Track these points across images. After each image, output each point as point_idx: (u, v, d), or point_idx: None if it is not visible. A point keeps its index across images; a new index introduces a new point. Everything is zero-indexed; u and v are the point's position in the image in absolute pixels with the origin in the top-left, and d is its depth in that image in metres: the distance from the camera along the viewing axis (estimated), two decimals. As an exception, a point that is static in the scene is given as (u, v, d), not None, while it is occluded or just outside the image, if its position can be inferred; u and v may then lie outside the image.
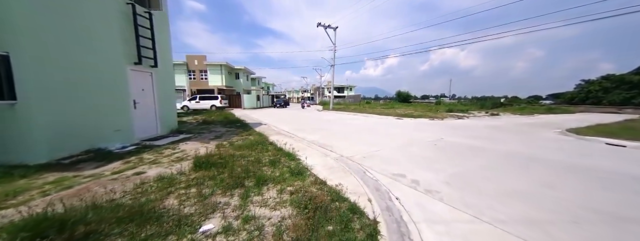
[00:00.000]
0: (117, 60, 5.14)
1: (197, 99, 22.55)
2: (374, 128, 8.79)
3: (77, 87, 4.36)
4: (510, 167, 4.09)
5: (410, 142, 6.07)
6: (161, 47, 6.53)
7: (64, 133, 4.10)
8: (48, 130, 3.87)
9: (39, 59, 3.79)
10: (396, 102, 39.88)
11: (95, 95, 4.67)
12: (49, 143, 3.86)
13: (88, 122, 4.54)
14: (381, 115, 15.31)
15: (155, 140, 5.84)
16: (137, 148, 5.00)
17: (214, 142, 5.84)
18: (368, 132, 7.87)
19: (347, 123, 10.61)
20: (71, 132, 4.22)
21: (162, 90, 6.63)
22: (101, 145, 4.72)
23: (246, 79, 32.72)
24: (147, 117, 6.11)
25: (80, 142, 4.38)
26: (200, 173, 3.33)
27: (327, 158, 4.27)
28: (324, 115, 16.57)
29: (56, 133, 3.98)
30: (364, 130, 8.32)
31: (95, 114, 4.67)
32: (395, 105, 29.88)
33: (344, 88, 63.31)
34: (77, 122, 4.34)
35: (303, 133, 7.75)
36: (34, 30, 3.72)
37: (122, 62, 5.29)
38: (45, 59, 3.88)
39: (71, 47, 4.24)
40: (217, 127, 8.83)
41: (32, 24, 3.71)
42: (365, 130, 8.49)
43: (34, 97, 3.73)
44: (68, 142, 4.16)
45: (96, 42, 4.68)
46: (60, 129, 4.05)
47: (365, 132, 7.88)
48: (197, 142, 5.75)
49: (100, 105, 4.78)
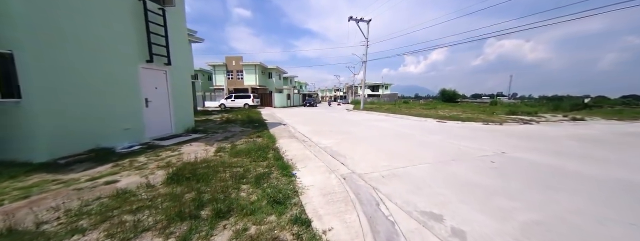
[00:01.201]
0: (126, 58, 5.08)
1: (233, 98, 23.78)
2: (407, 134, 7.30)
3: (83, 85, 4.33)
4: (636, 212, 2.42)
5: (454, 157, 4.57)
6: (176, 45, 6.43)
7: (67, 132, 4.08)
8: (50, 129, 3.85)
9: (43, 56, 3.77)
10: (439, 101, 35.54)
11: (102, 94, 4.64)
12: (50, 142, 3.85)
13: (94, 120, 4.52)
14: (419, 116, 13.33)
15: (165, 140, 5.72)
16: (142, 149, 4.85)
17: (218, 144, 5.41)
18: (398, 139, 6.49)
19: (375, 126, 9.27)
20: (76, 131, 4.20)
21: (177, 89, 6.55)
22: (108, 144, 4.67)
23: (278, 78, 33.41)
24: (161, 116, 6.06)
25: (86, 141, 4.35)
26: (169, 189, 2.74)
27: (332, 175, 3.27)
28: (352, 115, 15.34)
29: (59, 132, 3.96)
30: (393, 136, 6.94)
31: (102, 113, 4.64)
32: (437, 105, 26.48)
33: (378, 87, 59.97)
34: (82, 121, 4.32)
35: (319, 136, 6.85)
36: (38, 28, 3.70)
37: (133, 59, 5.24)
38: (50, 57, 3.86)
39: (77, 45, 4.20)
40: (235, 126, 8.60)
41: (36, 21, 3.69)
42: (395, 135, 7.10)
43: (37, 95, 3.72)
44: (72, 141, 4.14)
45: (104, 40, 4.62)
46: (64, 128, 4.03)
47: (393, 138, 6.53)
48: (203, 144, 5.40)
49: (108, 103, 4.74)
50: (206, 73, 35.54)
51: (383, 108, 22.12)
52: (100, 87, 4.60)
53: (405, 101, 39.86)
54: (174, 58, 6.32)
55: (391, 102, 37.65)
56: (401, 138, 6.61)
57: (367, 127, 8.91)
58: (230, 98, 23.68)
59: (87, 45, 4.35)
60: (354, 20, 19.46)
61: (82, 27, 4.27)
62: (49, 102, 3.85)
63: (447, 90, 37.58)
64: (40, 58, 3.75)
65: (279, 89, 32.84)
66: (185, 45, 6.89)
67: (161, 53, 5.88)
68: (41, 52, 3.75)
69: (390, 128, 8.52)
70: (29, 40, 3.63)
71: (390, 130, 8.07)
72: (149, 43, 5.47)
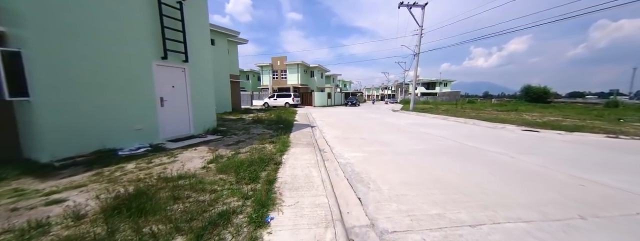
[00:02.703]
0: (139, 54, 4.86)
1: (275, 97, 24.37)
2: (475, 150, 5.09)
3: (92, 83, 4.19)
4: None
5: (580, 207, 2.49)
6: (196, 41, 6.09)
7: (73, 132, 3.96)
8: (54, 128, 3.75)
9: (51, 55, 3.67)
10: (520, 101, 28.10)
11: (112, 92, 4.47)
12: (53, 142, 3.75)
13: (103, 120, 4.37)
14: (493, 121, 10.17)
15: (178, 141, 5.39)
16: (146, 152, 4.52)
17: (222, 150, 4.69)
18: (461, 158, 4.45)
19: (426, 134, 7.16)
20: (82, 131, 4.08)
21: (197, 87, 6.23)
22: (116, 145, 4.50)
23: (320, 77, 32.81)
24: (178, 116, 5.81)
25: (92, 141, 4.22)
26: (94, 221, 1.94)
27: (330, 230, 1.90)
28: (397, 117, 13.06)
29: (64, 132, 3.85)
30: (452, 152, 4.90)
31: (111, 112, 4.48)
32: (519, 106, 20.76)
33: (435, 84, 52.66)
34: (89, 121, 4.19)
35: (345, 146, 5.42)
36: (46, 25, 3.60)
37: (147, 56, 5.01)
38: (58, 55, 3.74)
39: (85, 41, 4.05)
40: (258, 127, 7.99)
41: (44, 19, 3.59)
42: (456, 151, 5.02)
43: (43, 94, 3.63)
44: (77, 141, 4.02)
45: (114, 35, 4.43)
46: (69, 128, 3.92)
47: (453, 158, 4.54)
48: (207, 148, 4.77)
49: (118, 103, 4.57)
50: (256, 74, 38.10)
51: (440, 109, 18.60)
52: (110, 85, 4.43)
53: (470, 100, 33.34)
54: (193, 55, 5.99)
55: (451, 101, 32.10)
56: (466, 157, 4.54)
57: (413, 136, 6.91)
58: (273, 98, 24.31)
59: (95, 41, 4.18)
60: (406, 6, 16.77)
61: (90, 22, 4.10)
62: (55, 101, 3.74)
63: (534, 87, 29.12)
64: (48, 56, 3.65)
65: (320, 88, 32.26)
66: (207, 42, 6.56)
67: (178, 49, 5.58)
68: (48, 49, 3.64)
69: (449, 139, 6.31)
70: (38, 38, 3.55)
71: (447, 142, 5.92)
72: (163, 38, 5.19)
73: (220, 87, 14.00)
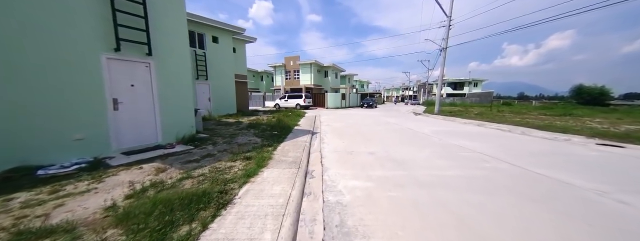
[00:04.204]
0: (79, 44, 3.82)
1: (286, 98, 23.40)
2: (554, 190, 3.27)
3: (7, 79, 3.21)
4: None
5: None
6: (165, 29, 5.00)
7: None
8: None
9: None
10: (570, 103, 23.90)
11: (40, 92, 3.46)
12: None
13: (26, 128, 3.38)
14: (547, 130, 7.93)
15: (133, 154, 4.30)
16: (79, 169, 3.42)
17: (177, 169, 3.45)
18: (534, 205, 2.68)
19: (459, 148, 5.34)
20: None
21: (167, 87, 5.14)
22: (45, 160, 3.48)
23: (335, 77, 31.24)
24: (140, 122, 4.75)
25: (8, 156, 3.22)
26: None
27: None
28: (418, 122, 11.11)
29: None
30: (510, 188, 3.14)
31: (39, 118, 3.47)
32: (572, 109, 17.33)
33: (463, 84, 48.05)
34: (5, 127, 3.21)
35: (345, 166, 3.89)
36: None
37: (91, 47, 3.96)
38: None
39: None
40: (249, 133, 6.74)
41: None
42: (517, 188, 3.23)
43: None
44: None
45: (40, 19, 3.43)
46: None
47: (517, 201, 2.80)
48: (157, 166, 3.56)
49: (48, 106, 3.56)
50: (270, 75, 37.72)
51: (471, 112, 16.07)
52: (36, 82, 3.44)
53: (506, 102, 29.36)
54: (161, 47, 4.91)
55: (483, 103, 28.57)
56: (542, 201, 2.77)
57: (442, 150, 5.14)
58: (284, 99, 23.35)
59: (11, 27, 3.20)
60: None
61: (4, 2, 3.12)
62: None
63: (588, 87, 24.55)
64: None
65: (335, 88, 30.73)
66: (182, 32, 5.46)
67: (139, 40, 4.52)
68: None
69: (495, 158, 4.47)
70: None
71: (495, 164, 4.11)
72: (115, 25, 4.13)
73: (223, 88, 13.20)
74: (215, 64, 12.51)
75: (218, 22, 12.18)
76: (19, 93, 3.32)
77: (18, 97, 3.31)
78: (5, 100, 3.22)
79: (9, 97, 3.25)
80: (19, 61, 3.29)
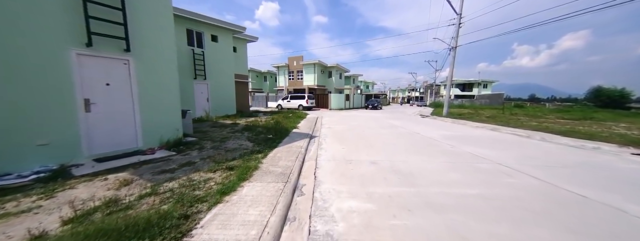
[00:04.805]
0: (43, 36, 3.38)
1: (289, 99, 22.96)
2: (608, 219, 2.62)
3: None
4: None
5: None
6: (147, 23, 4.56)
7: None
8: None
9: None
10: (587, 106, 22.55)
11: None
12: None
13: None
14: (569, 136, 7.19)
15: (107, 161, 3.85)
16: (37, 179, 3.00)
17: (146, 181, 2.97)
18: (579, 237, 2.09)
19: (474, 158, 4.69)
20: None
21: (149, 86, 4.69)
22: (2, 168, 3.08)
23: (339, 77, 30.63)
24: (117, 125, 4.30)
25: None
26: None
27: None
28: (427, 126, 10.42)
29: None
30: (548, 217, 2.51)
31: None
32: (591, 113, 16.21)
33: (472, 85, 46.63)
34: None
35: (342, 179, 3.32)
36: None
37: (59, 41, 3.54)
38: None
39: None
40: (242, 137, 6.25)
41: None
42: (553, 215, 2.60)
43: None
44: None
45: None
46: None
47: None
48: (124, 177, 3.08)
49: (8, 107, 3.14)
50: (273, 75, 37.43)
51: (482, 115, 15.22)
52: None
53: (518, 104, 28.05)
54: (142, 43, 4.47)
55: (493, 105, 27.41)
56: (587, 223, 2.15)
57: (456, 160, 4.51)
58: (286, 99, 22.92)
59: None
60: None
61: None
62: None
63: (607, 89, 23.10)
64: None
65: (338, 89, 30.14)
66: (168, 26, 5.00)
67: (114, 34, 4.08)
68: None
69: (518, 171, 3.82)
70: None
71: (520, 178, 3.47)
72: (86, 16, 3.70)
73: (222, 88, 12.82)
74: (214, 64, 12.14)
75: (217, 20, 11.81)
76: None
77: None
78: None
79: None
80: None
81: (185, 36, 10.86)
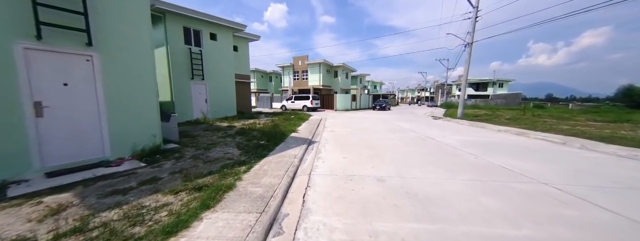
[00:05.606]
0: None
1: (293, 100, 22.34)
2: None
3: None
4: None
5: None
6: (115, 13, 3.94)
7: None
8: None
9: None
10: (617, 107, 20.61)
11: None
12: None
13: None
14: (619, 143, 6.11)
15: (61, 175, 3.23)
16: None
17: (81, 209, 2.30)
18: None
19: (508, 174, 3.79)
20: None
21: (120, 87, 4.07)
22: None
23: (345, 77, 29.71)
24: (79, 131, 3.70)
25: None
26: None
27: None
28: (441, 129, 9.43)
29: None
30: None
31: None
32: (626, 114, 14.61)
33: (486, 84, 44.39)
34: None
35: (337, 208, 2.53)
36: None
37: (1, 32, 2.97)
38: None
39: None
40: (232, 144, 5.56)
41: None
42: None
43: None
44: None
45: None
46: None
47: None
48: (62, 201, 2.44)
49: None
50: (278, 75, 36.98)
51: (501, 116, 13.98)
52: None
53: (537, 105, 26.17)
54: (110, 36, 3.86)
55: (510, 105, 25.71)
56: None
57: (486, 178, 3.61)
58: (291, 100, 22.30)
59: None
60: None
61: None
62: None
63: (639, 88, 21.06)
64: None
65: (345, 89, 29.25)
66: (143, 19, 4.38)
67: (72, 25, 3.48)
68: None
69: (581, 199, 2.90)
70: None
71: (583, 209, 2.58)
72: (33, 4, 3.11)
73: (222, 88, 12.28)
74: (213, 63, 11.62)
75: (216, 18, 11.29)
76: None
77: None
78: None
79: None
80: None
81: (182, 34, 10.38)
